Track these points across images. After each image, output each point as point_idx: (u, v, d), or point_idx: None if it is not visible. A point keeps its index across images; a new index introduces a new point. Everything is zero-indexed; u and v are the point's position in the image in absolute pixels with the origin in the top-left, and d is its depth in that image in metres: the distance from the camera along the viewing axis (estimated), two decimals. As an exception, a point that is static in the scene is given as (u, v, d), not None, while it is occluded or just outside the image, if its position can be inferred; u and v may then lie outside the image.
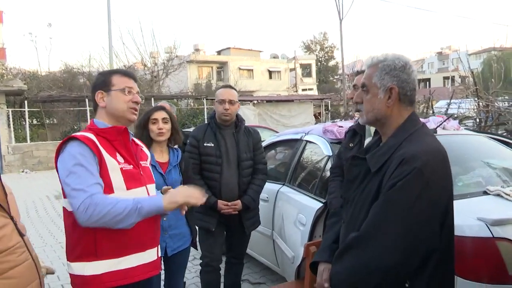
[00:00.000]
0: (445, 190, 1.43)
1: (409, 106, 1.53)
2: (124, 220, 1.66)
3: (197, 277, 4.14)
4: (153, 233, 1.93)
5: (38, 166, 15.03)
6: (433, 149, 1.43)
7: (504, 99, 8.58)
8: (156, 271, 1.96)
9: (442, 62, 58.08)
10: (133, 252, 1.82)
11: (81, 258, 1.77)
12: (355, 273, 1.41)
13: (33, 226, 6.77)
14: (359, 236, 1.42)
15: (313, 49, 47.48)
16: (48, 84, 20.35)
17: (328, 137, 3.28)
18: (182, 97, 21.56)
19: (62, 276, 4.46)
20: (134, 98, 1.88)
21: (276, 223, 3.50)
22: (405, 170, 1.36)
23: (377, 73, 1.51)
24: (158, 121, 2.73)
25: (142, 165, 1.96)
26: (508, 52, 21.25)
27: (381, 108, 1.51)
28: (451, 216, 1.47)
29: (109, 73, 1.93)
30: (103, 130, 1.84)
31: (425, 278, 1.41)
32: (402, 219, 1.34)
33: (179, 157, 2.84)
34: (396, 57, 1.52)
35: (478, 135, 3.52)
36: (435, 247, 1.40)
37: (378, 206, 1.40)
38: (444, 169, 1.44)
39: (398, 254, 1.34)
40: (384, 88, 1.50)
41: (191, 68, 31.96)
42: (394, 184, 1.36)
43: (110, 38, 15.15)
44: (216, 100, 3.14)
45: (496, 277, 1.91)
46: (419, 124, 1.53)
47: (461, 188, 2.53)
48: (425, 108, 9.90)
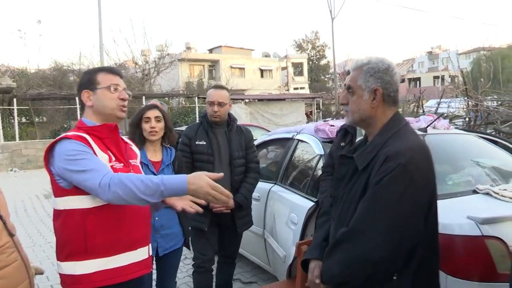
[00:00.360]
0: (428, 185, 1.49)
1: (392, 106, 1.61)
2: (148, 196, 1.58)
3: (188, 276, 4.13)
4: (144, 231, 1.91)
5: (27, 165, 14.87)
6: (416, 146, 1.51)
7: (493, 99, 8.67)
8: (147, 270, 1.94)
9: (432, 62, 58.52)
10: (123, 250, 1.80)
11: (71, 257, 1.75)
12: (346, 267, 1.47)
13: (21, 226, 6.69)
14: (348, 231, 1.49)
15: (305, 48, 47.57)
16: (37, 82, 20.13)
17: (319, 136, 3.28)
18: (173, 95, 21.49)
19: (51, 277, 4.42)
20: (121, 95, 1.85)
21: (267, 222, 3.49)
22: (390, 166, 1.43)
23: (362, 76, 1.58)
24: (151, 119, 2.71)
25: (132, 163, 1.94)
26: (497, 52, 21.52)
27: (366, 109, 1.58)
28: (434, 210, 1.54)
29: (94, 72, 1.90)
30: (93, 128, 1.82)
31: (411, 271, 1.47)
32: (388, 213, 1.41)
33: (173, 156, 2.82)
34: (379, 60, 1.59)
35: (467, 134, 3.55)
36: (420, 239, 1.46)
37: (365, 201, 1.47)
38: (427, 165, 1.50)
39: (387, 246, 1.40)
40: (368, 90, 1.57)
41: (182, 66, 31.86)
42: (380, 180, 1.44)
43: (100, 36, 15.04)
44: (206, 100, 3.14)
45: (485, 275, 1.93)
46: (403, 123, 1.61)
47: (451, 186, 2.55)
48: (416, 107, 9.98)
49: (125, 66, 25.11)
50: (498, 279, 1.91)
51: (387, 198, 1.42)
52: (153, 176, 1.63)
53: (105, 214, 1.75)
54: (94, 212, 1.73)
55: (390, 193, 1.42)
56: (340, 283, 1.52)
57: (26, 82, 19.81)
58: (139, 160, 2.07)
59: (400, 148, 1.47)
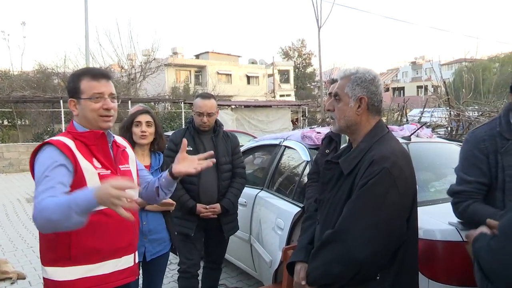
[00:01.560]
0: (410, 189, 1.59)
1: (376, 115, 1.70)
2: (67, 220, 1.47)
3: (173, 281, 4.12)
4: (130, 240, 1.90)
5: (9, 168, 14.59)
6: (399, 152, 1.61)
7: (474, 109, 8.86)
8: (133, 278, 1.94)
9: (416, 72, 59.50)
10: (108, 258, 1.80)
11: (55, 263, 1.74)
12: (331, 267, 1.52)
13: (3, 230, 6.57)
14: (334, 232, 1.55)
15: (291, 55, 47.89)
16: (20, 84, 19.80)
17: (306, 142, 3.33)
18: (159, 100, 21.37)
19: (33, 281, 4.36)
20: (105, 104, 1.80)
21: (253, 228, 3.51)
22: (375, 170, 1.52)
23: (349, 84, 1.67)
24: (142, 124, 2.72)
25: (121, 169, 1.92)
26: (478, 63, 22.04)
27: (351, 116, 1.67)
28: (415, 214, 1.64)
29: (77, 78, 1.83)
30: (80, 134, 1.81)
31: (393, 271, 1.55)
32: (373, 213, 1.49)
33: (161, 161, 2.83)
34: (366, 71, 1.69)
35: (450, 143, 3.64)
36: (403, 239, 1.55)
37: (351, 203, 1.55)
38: (408, 169, 1.60)
39: (371, 246, 1.47)
40: (355, 98, 1.66)
41: (169, 71, 31.72)
42: (365, 183, 1.52)
43: (87, 39, 14.91)
44: (194, 110, 3.14)
45: (465, 279, 1.98)
46: (385, 130, 1.70)
47: (433, 194, 2.61)
48: (399, 116, 10.14)
49: (111, 70, 24.90)
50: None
51: (372, 200, 1.50)
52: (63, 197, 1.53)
53: (89, 221, 1.67)
54: None
55: (375, 195, 1.50)
56: (326, 284, 1.57)
57: (9, 84, 19.50)
58: (134, 163, 2.05)
59: (384, 153, 1.56)
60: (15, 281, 4.33)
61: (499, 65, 30.77)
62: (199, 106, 3.08)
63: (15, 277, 4.38)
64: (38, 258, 5.08)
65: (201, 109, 3.06)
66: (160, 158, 2.84)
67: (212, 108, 3.09)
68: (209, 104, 3.08)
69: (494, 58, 33.90)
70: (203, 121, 3.07)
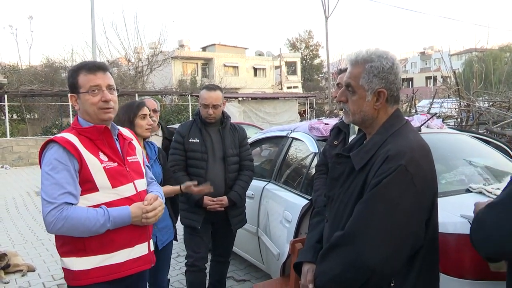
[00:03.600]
0: (429, 186, 1.42)
1: (394, 104, 1.52)
2: (93, 231, 1.72)
3: (181, 274, 4.12)
4: (142, 228, 1.91)
5: (18, 162, 14.73)
6: (417, 146, 1.43)
7: (485, 99, 8.74)
8: (148, 266, 1.96)
9: (424, 62, 58.92)
10: (122, 248, 1.83)
11: (71, 254, 1.79)
12: (340, 272, 1.38)
13: (13, 223, 6.63)
14: (344, 234, 1.40)
15: (298, 47, 47.59)
16: (29, 78, 19.95)
17: (314, 134, 3.29)
18: (166, 93, 21.41)
19: (43, 274, 4.39)
20: (103, 96, 1.82)
21: (261, 220, 3.49)
22: (390, 167, 1.35)
23: (365, 75, 1.46)
24: (147, 116, 2.74)
25: (129, 160, 1.94)
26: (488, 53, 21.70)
27: (368, 111, 1.49)
28: (435, 213, 1.47)
29: (75, 73, 1.85)
30: (84, 130, 1.84)
31: (411, 277, 1.40)
32: (387, 216, 1.33)
33: (156, 150, 2.84)
34: (383, 57, 1.46)
35: (460, 133, 3.58)
36: (421, 244, 1.39)
37: (363, 204, 1.38)
38: (428, 165, 1.43)
39: (384, 251, 1.32)
40: (372, 91, 1.46)
41: (175, 64, 31.72)
42: (379, 182, 1.35)
43: (93, 32, 14.91)
44: (200, 102, 3.10)
45: (478, 273, 1.94)
46: (403, 121, 1.52)
47: (444, 185, 2.56)
48: (408, 107, 10.03)
49: (118, 63, 24.98)
50: (490, 277, 1.92)
51: (386, 201, 1.34)
52: (100, 211, 1.74)
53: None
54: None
55: (389, 196, 1.34)
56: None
57: (18, 78, 19.63)
58: (141, 155, 2.08)
59: (401, 148, 1.38)
60: (26, 274, 4.37)
61: (510, 54, 30.30)
62: (204, 98, 3.05)
63: (25, 270, 4.41)
64: (47, 250, 5.13)
65: (207, 101, 3.03)
66: (154, 148, 2.85)
67: (217, 100, 3.05)
68: (214, 95, 3.04)
69: (505, 47, 33.37)
70: (208, 113, 3.04)
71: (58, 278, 4.23)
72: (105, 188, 1.79)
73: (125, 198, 1.84)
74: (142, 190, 1.95)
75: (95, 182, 1.77)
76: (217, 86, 3.21)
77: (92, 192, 1.77)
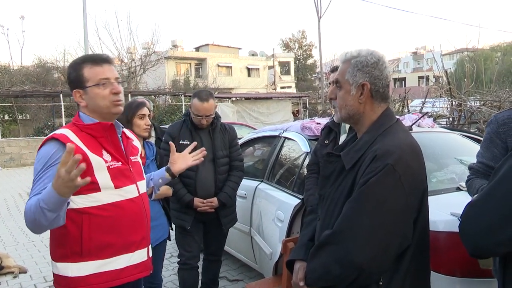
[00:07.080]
0: (418, 186, 1.42)
1: (382, 102, 1.52)
2: (43, 219, 1.48)
3: (174, 274, 4.11)
4: (143, 233, 1.85)
5: (10, 163, 14.61)
6: (406, 145, 1.43)
7: (476, 99, 8.79)
8: (147, 272, 1.88)
9: (417, 62, 59.23)
10: (121, 253, 1.74)
11: (66, 258, 1.69)
12: (330, 269, 1.40)
13: (4, 225, 6.58)
14: (333, 233, 1.42)
15: (292, 47, 47.64)
16: (20, 79, 19.75)
17: (306, 133, 3.30)
18: (159, 93, 21.32)
19: (34, 276, 4.36)
20: (114, 88, 1.72)
21: (254, 220, 3.50)
22: (378, 166, 1.36)
23: (350, 69, 1.50)
24: (146, 117, 2.73)
25: (132, 160, 1.87)
26: (480, 53, 21.84)
27: (353, 104, 1.51)
28: (425, 212, 1.47)
29: (79, 66, 1.74)
30: (87, 127, 1.73)
31: (400, 276, 1.41)
32: (375, 214, 1.35)
33: (155, 151, 2.84)
34: (369, 53, 1.51)
35: (451, 132, 3.61)
36: (409, 242, 1.40)
37: (351, 203, 1.40)
38: (417, 165, 1.43)
39: (372, 248, 1.34)
40: (356, 85, 1.49)
41: (169, 64, 31.58)
42: (367, 180, 1.37)
43: (85, 32, 14.81)
44: (192, 110, 3.05)
45: (468, 271, 1.96)
46: (394, 120, 1.53)
47: (435, 184, 2.58)
48: (401, 106, 10.08)
49: (110, 61, 24.77)
50: (480, 275, 1.94)
51: (373, 200, 1.35)
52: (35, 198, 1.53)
53: (101, 214, 1.69)
54: (89, 212, 1.68)
55: (376, 195, 1.35)
56: (325, 286, 1.46)
57: (9, 79, 19.44)
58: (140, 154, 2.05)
59: (389, 147, 1.39)
60: (17, 275, 4.34)
61: (501, 54, 30.59)
62: (197, 109, 3.00)
63: (17, 271, 4.38)
64: (39, 252, 5.09)
65: (199, 112, 3.00)
66: (153, 149, 2.85)
67: (210, 110, 3.02)
68: (207, 107, 2.99)
69: (496, 47, 33.70)
70: (201, 122, 3.04)
71: (50, 280, 4.19)
72: (107, 189, 1.71)
73: (127, 200, 1.77)
74: (144, 193, 1.90)
75: (97, 182, 1.68)
76: (209, 93, 3.09)
77: (94, 192, 1.68)
